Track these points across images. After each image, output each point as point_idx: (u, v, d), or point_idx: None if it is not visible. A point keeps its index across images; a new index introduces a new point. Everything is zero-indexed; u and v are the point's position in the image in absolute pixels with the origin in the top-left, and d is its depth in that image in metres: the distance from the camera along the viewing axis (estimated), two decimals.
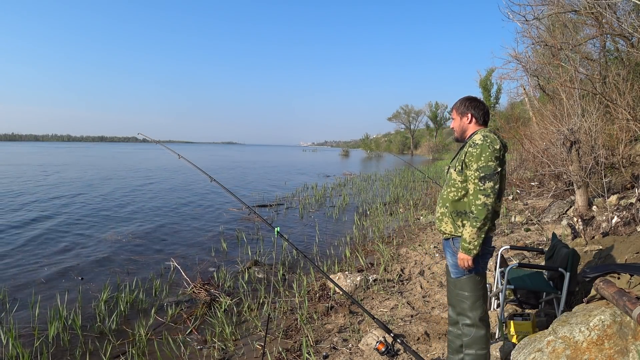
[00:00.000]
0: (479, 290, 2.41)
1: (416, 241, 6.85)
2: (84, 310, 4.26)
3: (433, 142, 62.18)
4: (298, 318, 3.87)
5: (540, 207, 7.62)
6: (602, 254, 4.11)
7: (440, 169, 23.56)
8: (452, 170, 2.45)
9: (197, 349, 3.47)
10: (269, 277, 5.23)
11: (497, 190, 2.26)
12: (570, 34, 8.75)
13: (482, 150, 2.27)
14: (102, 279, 5.32)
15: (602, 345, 2.34)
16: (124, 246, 7.04)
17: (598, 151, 6.31)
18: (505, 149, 2.41)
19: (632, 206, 5.33)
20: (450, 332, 2.58)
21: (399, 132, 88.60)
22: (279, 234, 3.46)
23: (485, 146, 2.28)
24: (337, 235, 7.94)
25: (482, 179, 2.24)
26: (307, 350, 3.15)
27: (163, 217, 9.72)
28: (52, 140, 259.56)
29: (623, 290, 2.66)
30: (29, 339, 3.68)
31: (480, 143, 2.30)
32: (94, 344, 3.60)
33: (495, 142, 2.30)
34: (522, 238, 6.04)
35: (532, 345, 2.55)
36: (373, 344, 3.16)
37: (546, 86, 10.95)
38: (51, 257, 6.29)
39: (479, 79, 40.15)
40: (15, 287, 5.04)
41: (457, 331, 2.52)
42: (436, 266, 5.35)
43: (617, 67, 7.84)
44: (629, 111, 6.31)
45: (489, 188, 2.23)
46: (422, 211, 9.66)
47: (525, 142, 9.58)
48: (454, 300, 2.47)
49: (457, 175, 2.38)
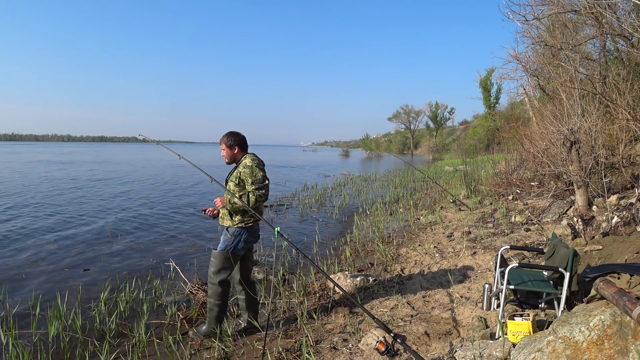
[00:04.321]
0: (227, 263, 3.50)
1: (416, 241, 6.85)
2: (84, 311, 4.26)
3: (433, 142, 62.16)
4: (298, 318, 3.87)
5: (540, 207, 7.62)
6: (602, 254, 4.12)
7: (440, 169, 23.55)
8: (230, 183, 3.51)
9: (197, 349, 3.47)
10: (269, 277, 5.23)
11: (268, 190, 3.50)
12: (570, 34, 8.74)
13: (252, 169, 3.45)
14: (102, 279, 5.32)
15: (602, 345, 2.34)
16: (124, 246, 7.04)
17: (598, 151, 6.31)
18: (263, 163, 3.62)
19: (632, 206, 5.33)
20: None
21: (399, 132, 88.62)
22: (279, 234, 3.46)
23: (254, 166, 3.46)
24: (337, 235, 7.94)
25: (257, 188, 3.42)
26: (307, 350, 3.15)
27: (163, 217, 9.72)
28: (52, 140, 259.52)
29: (623, 290, 2.66)
30: (28, 339, 3.68)
31: (250, 164, 3.46)
32: (93, 344, 3.60)
33: (256, 161, 3.52)
34: (522, 238, 6.03)
35: (532, 345, 2.55)
36: (373, 344, 3.16)
37: (546, 86, 10.94)
38: (51, 257, 6.29)
39: (479, 79, 40.25)
40: (16, 287, 5.04)
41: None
42: (436, 266, 5.35)
43: (617, 67, 7.84)
44: (629, 111, 6.30)
45: (262, 194, 3.45)
46: (422, 211, 9.66)
47: (525, 142, 9.57)
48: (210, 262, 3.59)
49: (234, 187, 3.47)
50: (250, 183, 3.44)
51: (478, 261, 5.33)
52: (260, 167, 3.50)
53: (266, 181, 3.48)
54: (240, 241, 3.52)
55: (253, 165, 3.46)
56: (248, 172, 3.44)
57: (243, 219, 3.51)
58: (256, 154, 3.67)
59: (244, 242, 3.54)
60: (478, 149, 34.14)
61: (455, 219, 8.36)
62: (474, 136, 42.09)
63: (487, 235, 6.48)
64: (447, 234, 7.07)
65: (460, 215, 8.66)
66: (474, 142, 38.89)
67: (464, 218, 8.22)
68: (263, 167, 3.55)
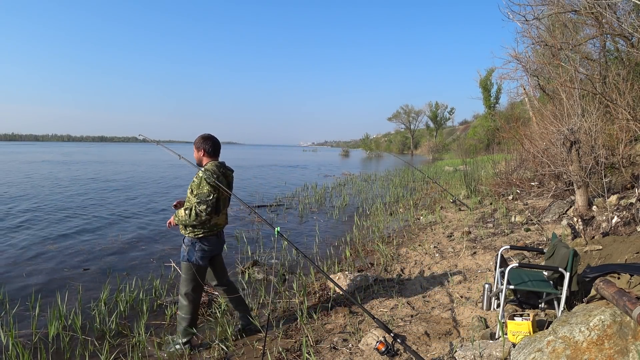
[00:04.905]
0: (191, 274, 3.33)
1: (416, 241, 6.85)
2: (84, 310, 4.26)
3: (433, 142, 62.14)
4: (298, 318, 3.87)
5: (540, 207, 7.61)
6: (602, 254, 4.12)
7: (440, 169, 23.55)
8: (188, 190, 3.31)
9: (197, 349, 3.47)
10: (269, 277, 5.23)
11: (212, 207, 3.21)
12: (570, 34, 8.74)
13: (200, 181, 3.21)
14: (102, 279, 5.32)
15: (602, 345, 2.34)
16: (124, 246, 7.04)
17: (598, 151, 6.31)
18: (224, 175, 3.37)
19: (632, 206, 5.33)
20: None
21: (399, 132, 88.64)
22: (279, 234, 3.46)
23: (204, 178, 3.20)
24: (337, 235, 7.93)
25: (199, 202, 3.18)
26: (307, 350, 3.15)
27: (163, 217, 9.71)
28: (52, 140, 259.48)
29: (623, 290, 2.66)
30: (29, 339, 3.68)
31: (201, 175, 3.22)
32: (93, 344, 3.60)
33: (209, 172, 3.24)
34: (522, 238, 6.03)
35: (532, 345, 2.55)
36: (373, 344, 3.16)
37: (546, 86, 10.94)
38: (52, 256, 6.29)
39: (479, 79, 40.25)
40: (16, 286, 5.04)
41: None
42: (436, 266, 5.35)
43: (617, 67, 7.84)
44: (629, 111, 6.30)
45: (203, 210, 3.18)
46: (422, 211, 9.66)
47: (525, 142, 9.57)
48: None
49: (189, 194, 3.28)
50: (193, 195, 3.23)
51: (478, 261, 5.32)
52: (210, 181, 3.20)
53: (211, 196, 3.18)
54: (196, 251, 3.32)
55: (203, 177, 3.21)
56: (195, 183, 3.24)
57: (193, 230, 3.31)
58: (222, 165, 3.45)
59: (201, 251, 3.33)
60: (478, 149, 34.16)
61: (455, 219, 8.36)
62: (474, 136, 42.10)
63: (487, 235, 6.48)
64: (447, 234, 7.07)
65: (460, 215, 8.66)
66: (474, 142, 38.91)
67: (464, 218, 8.22)
68: (216, 180, 3.24)
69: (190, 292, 3.36)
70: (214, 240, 3.41)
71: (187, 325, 3.39)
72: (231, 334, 3.62)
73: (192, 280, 3.35)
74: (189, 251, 3.33)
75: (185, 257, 3.34)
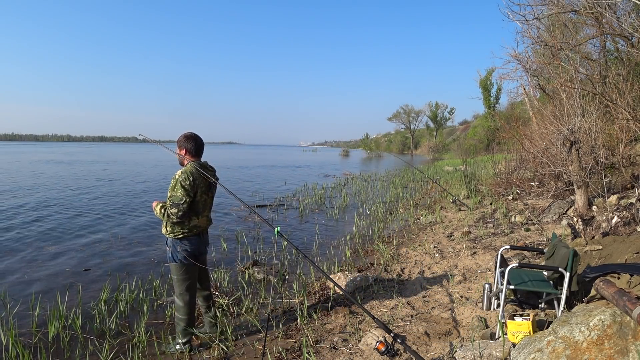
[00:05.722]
0: (180, 274, 3.33)
1: (416, 241, 6.85)
2: (84, 311, 4.26)
3: (433, 142, 62.16)
4: (298, 318, 3.87)
5: (540, 207, 7.61)
6: (602, 254, 4.12)
7: (440, 169, 23.55)
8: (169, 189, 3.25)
9: (197, 349, 3.47)
10: (269, 277, 5.23)
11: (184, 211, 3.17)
12: (570, 34, 8.74)
13: (176, 183, 3.16)
14: (102, 279, 5.32)
15: (602, 345, 2.34)
16: (124, 246, 7.04)
17: (598, 151, 6.31)
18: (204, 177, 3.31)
19: (632, 206, 5.33)
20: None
21: (399, 132, 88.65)
22: (279, 234, 3.46)
23: (180, 181, 3.15)
24: (337, 235, 7.94)
25: (171, 205, 3.16)
26: (307, 350, 3.15)
27: None
28: (52, 140, 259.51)
29: (623, 290, 2.66)
30: (29, 338, 3.68)
31: (177, 177, 3.17)
32: (93, 344, 3.60)
33: (186, 175, 3.18)
34: (522, 238, 6.03)
35: (532, 345, 2.55)
36: (373, 344, 3.16)
37: (546, 86, 10.94)
38: (52, 256, 6.29)
39: (479, 78, 40.25)
40: (16, 286, 5.04)
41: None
42: (436, 266, 5.35)
43: (617, 67, 7.84)
44: (629, 111, 6.30)
45: (173, 214, 3.16)
46: (422, 211, 9.66)
47: (525, 142, 9.57)
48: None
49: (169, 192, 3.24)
50: (168, 196, 3.21)
51: (478, 261, 5.33)
52: (185, 184, 3.15)
53: (184, 200, 3.13)
54: (178, 252, 3.30)
55: (179, 180, 3.15)
56: (171, 185, 3.19)
57: (173, 231, 3.29)
58: (203, 166, 3.39)
59: (184, 251, 3.30)
60: (478, 149, 34.16)
61: (455, 219, 8.36)
62: (474, 136, 42.10)
63: (487, 235, 6.48)
64: (447, 234, 7.07)
65: (460, 215, 8.66)
66: (474, 142, 38.91)
67: (464, 218, 8.22)
68: (193, 183, 3.20)
69: (184, 292, 3.37)
70: (195, 240, 3.37)
71: (185, 326, 3.41)
72: (231, 333, 3.62)
73: (184, 280, 3.36)
74: (172, 252, 3.33)
75: (171, 258, 3.34)
